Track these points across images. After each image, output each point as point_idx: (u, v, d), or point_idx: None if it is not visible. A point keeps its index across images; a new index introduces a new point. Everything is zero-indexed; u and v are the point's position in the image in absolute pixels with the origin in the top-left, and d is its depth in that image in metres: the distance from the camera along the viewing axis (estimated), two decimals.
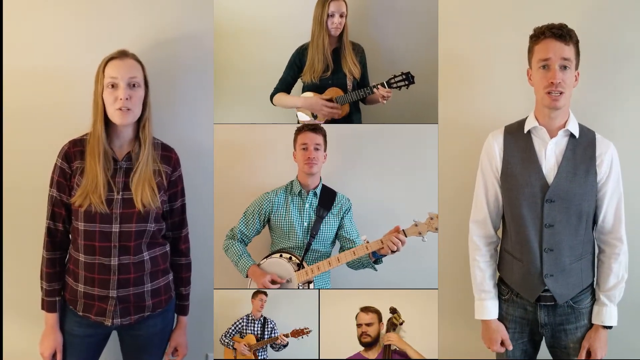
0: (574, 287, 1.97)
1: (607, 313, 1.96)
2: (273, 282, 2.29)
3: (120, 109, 1.86)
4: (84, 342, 1.98)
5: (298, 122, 2.46)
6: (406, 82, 2.32)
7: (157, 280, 2.00)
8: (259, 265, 2.34)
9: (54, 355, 1.96)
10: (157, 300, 2.00)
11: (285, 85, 2.47)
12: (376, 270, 2.30)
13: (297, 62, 2.44)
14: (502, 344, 2.05)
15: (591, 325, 1.99)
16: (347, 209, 2.39)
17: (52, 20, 2.25)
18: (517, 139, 2.01)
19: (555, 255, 1.94)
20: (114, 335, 2.06)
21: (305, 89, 2.46)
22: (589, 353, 1.98)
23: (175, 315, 2.12)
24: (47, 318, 1.96)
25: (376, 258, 2.26)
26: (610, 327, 1.97)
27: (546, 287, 1.95)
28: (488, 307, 2.06)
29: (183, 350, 2.12)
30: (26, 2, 2.24)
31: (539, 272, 1.95)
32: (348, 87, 2.41)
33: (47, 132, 2.25)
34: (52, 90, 2.26)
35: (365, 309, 2.36)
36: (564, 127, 1.95)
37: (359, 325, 2.35)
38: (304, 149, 2.32)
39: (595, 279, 2.03)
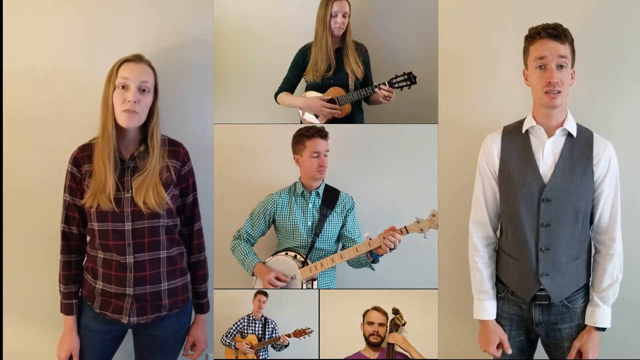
0: (570, 287, 1.97)
1: (600, 314, 1.96)
2: (277, 279, 2.29)
3: (127, 111, 1.87)
4: (100, 338, 1.99)
5: (301, 122, 2.46)
6: (408, 83, 2.32)
7: (175, 280, 2.00)
8: (264, 263, 2.35)
9: (70, 358, 1.97)
10: (174, 300, 1.99)
11: (289, 85, 2.47)
12: (373, 269, 2.31)
13: (300, 62, 2.45)
14: (500, 347, 2.05)
15: (585, 325, 1.99)
16: (350, 208, 2.40)
17: (52, 20, 2.25)
18: (515, 138, 2.02)
19: (551, 255, 1.94)
20: (128, 335, 2.06)
21: (308, 88, 2.47)
22: (580, 353, 1.97)
23: (193, 314, 2.12)
24: (65, 321, 1.98)
25: (374, 258, 2.27)
26: (603, 329, 1.97)
27: (542, 287, 1.96)
28: (486, 308, 2.06)
29: (201, 345, 2.12)
30: (26, 2, 2.24)
31: (534, 271, 1.96)
32: (350, 86, 2.41)
33: (48, 132, 2.25)
34: (52, 90, 2.26)
35: (379, 309, 2.36)
36: (562, 127, 1.95)
37: (370, 324, 2.35)
38: (315, 156, 2.32)
39: (590, 279, 2.03)
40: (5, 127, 2.27)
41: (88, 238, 2.00)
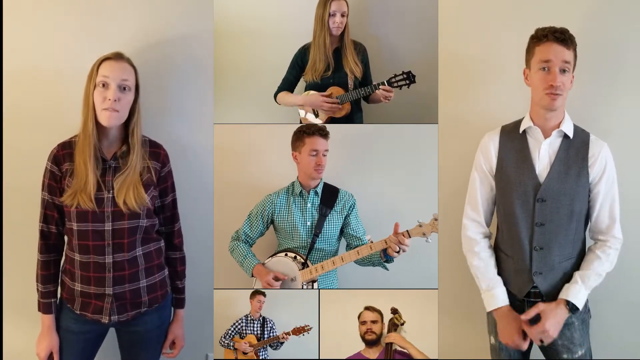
0: (562, 286, 1.96)
1: (575, 291, 1.91)
2: (276, 279, 2.29)
3: (107, 110, 1.87)
4: (81, 338, 1.99)
5: (300, 122, 2.46)
6: (407, 82, 2.32)
7: (153, 276, 2.01)
8: (263, 264, 2.34)
9: (50, 356, 1.97)
10: (154, 295, 2.01)
11: (288, 85, 2.48)
12: (387, 269, 2.29)
13: (299, 62, 2.45)
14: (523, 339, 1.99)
15: (579, 323, 1.97)
16: (351, 206, 2.39)
17: (52, 20, 2.25)
18: (513, 139, 2.03)
19: (545, 254, 1.96)
20: (112, 332, 2.07)
21: (307, 88, 2.47)
22: (539, 317, 1.92)
23: (172, 309, 2.14)
24: (44, 319, 1.98)
25: (387, 258, 2.25)
26: (574, 309, 1.91)
27: (534, 284, 1.97)
28: (497, 295, 2.01)
29: (180, 342, 2.13)
30: (26, 2, 2.24)
31: (528, 269, 1.97)
32: (349, 86, 2.41)
33: (48, 132, 2.24)
34: (53, 90, 2.26)
35: (370, 308, 2.36)
36: (558, 128, 1.96)
37: (363, 323, 2.35)
38: (313, 155, 2.32)
39: None
40: (5, 127, 2.27)
41: (66, 238, 2.00)
